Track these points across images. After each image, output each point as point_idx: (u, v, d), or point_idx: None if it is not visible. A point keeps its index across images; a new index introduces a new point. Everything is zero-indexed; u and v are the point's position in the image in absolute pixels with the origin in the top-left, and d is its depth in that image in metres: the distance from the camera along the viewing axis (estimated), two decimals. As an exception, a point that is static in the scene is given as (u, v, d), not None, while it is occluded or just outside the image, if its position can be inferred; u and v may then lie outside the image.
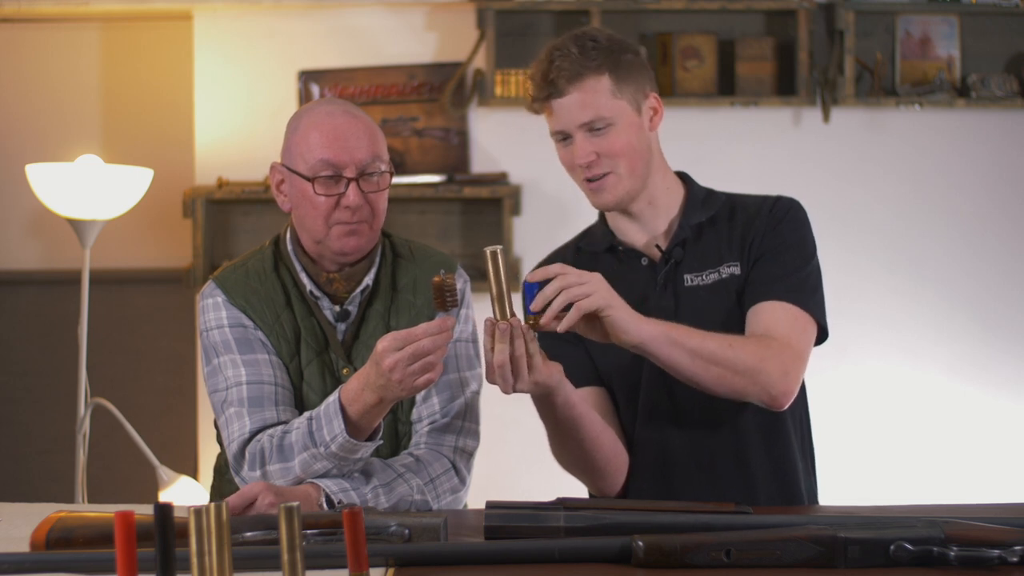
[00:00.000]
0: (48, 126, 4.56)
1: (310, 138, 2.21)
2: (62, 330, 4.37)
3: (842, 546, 1.67)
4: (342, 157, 2.18)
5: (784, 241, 2.21)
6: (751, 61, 4.16)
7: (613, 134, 2.15)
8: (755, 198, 2.29)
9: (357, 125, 2.22)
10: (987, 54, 4.24)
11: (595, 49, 2.15)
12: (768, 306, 2.17)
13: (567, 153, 2.20)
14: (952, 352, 4.24)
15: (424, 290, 2.29)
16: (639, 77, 2.19)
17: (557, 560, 1.70)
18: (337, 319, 2.27)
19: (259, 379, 2.20)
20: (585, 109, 2.15)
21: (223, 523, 1.31)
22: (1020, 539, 1.67)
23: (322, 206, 2.19)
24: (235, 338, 2.24)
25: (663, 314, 2.15)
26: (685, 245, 2.22)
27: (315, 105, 2.29)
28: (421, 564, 1.70)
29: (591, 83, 2.14)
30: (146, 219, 4.40)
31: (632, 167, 2.17)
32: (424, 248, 2.38)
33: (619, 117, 2.15)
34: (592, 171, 2.17)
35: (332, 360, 2.26)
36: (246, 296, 2.27)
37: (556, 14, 4.23)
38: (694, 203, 2.24)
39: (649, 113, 2.20)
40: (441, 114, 4.24)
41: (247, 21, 4.27)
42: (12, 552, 1.75)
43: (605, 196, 2.18)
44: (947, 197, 4.23)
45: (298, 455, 2.09)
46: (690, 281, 2.22)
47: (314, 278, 2.27)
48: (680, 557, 1.67)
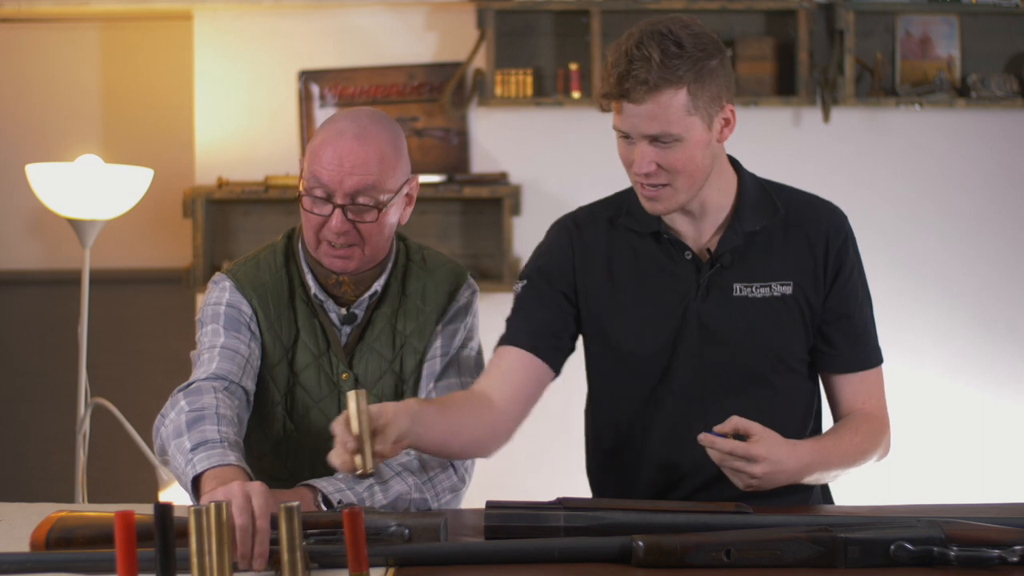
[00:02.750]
0: (48, 126, 4.56)
1: (317, 150, 2.19)
2: (62, 330, 4.37)
3: (842, 546, 1.67)
4: (333, 180, 2.16)
5: (858, 296, 2.21)
6: (751, 61, 4.16)
7: (679, 149, 2.06)
8: (808, 207, 2.22)
9: (364, 152, 2.17)
10: (987, 54, 4.24)
11: (679, 57, 2.03)
12: (860, 378, 2.22)
13: (627, 151, 2.10)
14: (952, 352, 4.24)
15: (433, 298, 2.29)
16: (719, 87, 2.08)
17: (557, 560, 1.70)
18: (343, 322, 2.27)
19: (234, 348, 2.20)
20: (655, 122, 2.04)
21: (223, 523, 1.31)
22: (1020, 539, 1.67)
23: (311, 221, 2.19)
24: (226, 315, 2.24)
25: (704, 319, 2.14)
26: (735, 251, 2.16)
27: (341, 116, 2.24)
28: (421, 564, 1.70)
29: (667, 97, 2.02)
30: (146, 219, 4.40)
31: (691, 183, 2.10)
32: (437, 256, 2.37)
33: (688, 133, 2.05)
34: (650, 180, 2.09)
35: (332, 364, 2.26)
36: (254, 287, 2.27)
37: (556, 14, 4.23)
38: (747, 206, 2.17)
39: (720, 124, 2.10)
40: (441, 114, 4.24)
41: (247, 21, 4.27)
42: (12, 552, 1.75)
43: (658, 206, 2.12)
44: (947, 197, 4.23)
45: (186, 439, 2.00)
46: (739, 291, 2.16)
47: (321, 280, 2.27)
48: (680, 557, 1.67)
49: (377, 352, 2.27)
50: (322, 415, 2.25)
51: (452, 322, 2.30)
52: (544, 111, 4.19)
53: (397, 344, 2.28)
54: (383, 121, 2.25)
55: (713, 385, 2.16)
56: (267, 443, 2.28)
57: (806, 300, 2.17)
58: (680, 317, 2.16)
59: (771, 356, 2.16)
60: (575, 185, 4.12)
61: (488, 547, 1.75)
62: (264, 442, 2.28)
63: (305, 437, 2.26)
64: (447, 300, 2.30)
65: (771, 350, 2.15)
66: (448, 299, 2.31)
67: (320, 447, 2.18)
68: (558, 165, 4.20)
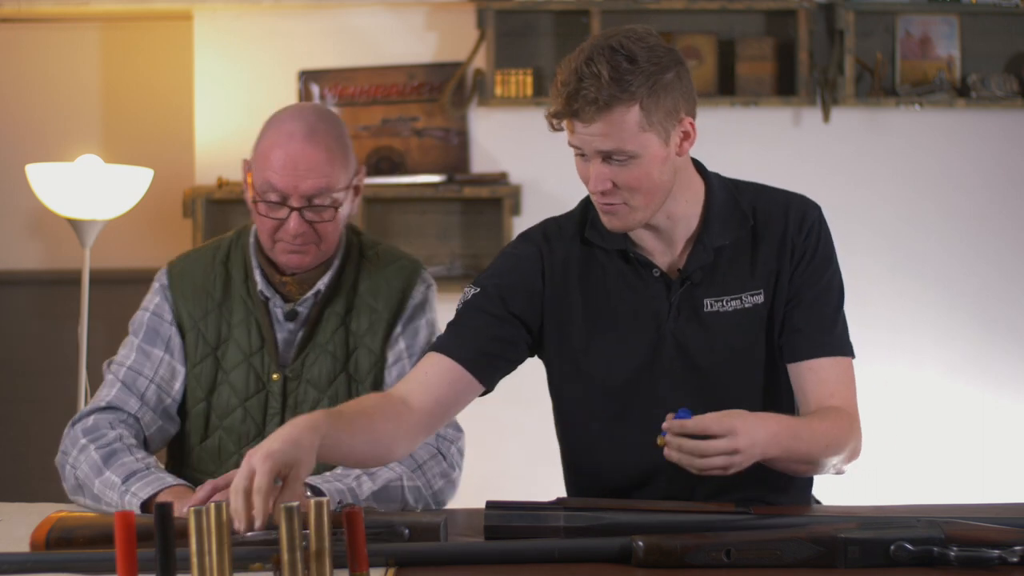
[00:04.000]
0: (48, 126, 4.56)
1: (267, 155, 2.18)
2: (62, 330, 4.37)
3: (842, 546, 1.67)
4: (288, 185, 2.16)
5: (820, 281, 2.11)
6: (751, 61, 4.16)
7: (634, 167, 1.98)
8: (777, 207, 2.13)
9: (314, 153, 2.16)
10: (987, 54, 4.24)
11: (631, 73, 1.94)
12: (821, 365, 2.08)
13: (583, 168, 2.05)
14: (952, 352, 4.24)
15: (386, 294, 2.28)
16: (674, 101, 1.99)
17: (557, 560, 1.70)
18: (286, 318, 2.27)
19: (139, 370, 2.26)
20: (607, 139, 1.97)
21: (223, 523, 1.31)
22: (1020, 539, 1.67)
23: (265, 224, 2.20)
24: (148, 325, 2.30)
25: (680, 338, 2.09)
26: (704, 268, 2.09)
27: (286, 116, 2.22)
28: (421, 564, 1.70)
29: (618, 115, 1.94)
30: (146, 219, 4.40)
31: (648, 200, 2.02)
32: (390, 251, 2.36)
33: (643, 150, 1.97)
34: (605, 198, 2.02)
35: (264, 363, 2.27)
36: (183, 288, 2.30)
37: (556, 14, 4.23)
38: (715, 219, 2.10)
39: (679, 138, 2.02)
40: (441, 114, 4.24)
41: (247, 21, 4.27)
42: (12, 552, 1.75)
43: (615, 222, 2.05)
44: (947, 197, 4.23)
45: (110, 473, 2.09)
46: (710, 306, 2.10)
47: (268, 277, 2.28)
48: (680, 557, 1.67)
49: (330, 353, 2.26)
50: (247, 414, 2.26)
51: (413, 320, 2.29)
52: (544, 111, 4.18)
53: (351, 345, 2.27)
54: (328, 117, 2.24)
55: (692, 403, 2.04)
56: (195, 438, 2.30)
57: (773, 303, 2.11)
58: (655, 337, 2.10)
59: (748, 369, 2.11)
60: (575, 185, 4.10)
61: (488, 547, 1.75)
62: (192, 438, 2.30)
63: (230, 435, 2.27)
64: (401, 298, 2.29)
65: (747, 364, 2.10)
66: (402, 297, 2.29)
67: (244, 444, 2.24)
68: (558, 165, 4.18)
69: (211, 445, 2.28)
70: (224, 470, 2.18)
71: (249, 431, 2.26)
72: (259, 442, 2.19)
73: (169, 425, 2.29)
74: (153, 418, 2.25)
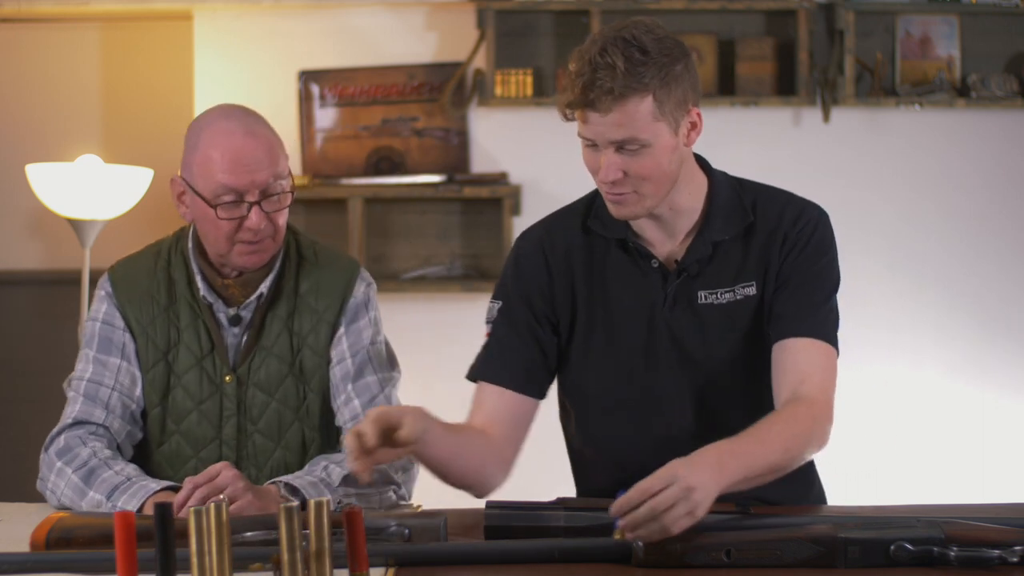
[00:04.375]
0: (48, 126, 4.56)
1: (210, 159, 2.18)
2: (62, 330, 4.37)
3: (842, 546, 1.67)
4: (243, 182, 2.16)
5: (811, 269, 2.12)
6: (751, 61, 4.16)
7: (645, 155, 2.03)
8: (777, 206, 2.16)
9: (258, 145, 2.18)
10: (987, 54, 4.23)
11: (644, 64, 1.99)
12: (799, 345, 2.07)
13: (593, 158, 2.07)
14: (952, 352, 4.24)
15: (327, 295, 2.29)
16: (684, 91, 2.04)
17: (557, 560, 1.70)
18: (231, 323, 2.27)
19: (99, 380, 2.27)
20: (621, 129, 2.00)
21: (223, 523, 1.31)
22: (1020, 539, 1.67)
23: (224, 227, 2.19)
24: (100, 335, 2.31)
25: (674, 329, 2.11)
26: (701, 261, 2.12)
27: (214, 119, 2.23)
28: (421, 564, 1.70)
29: (633, 105, 1.99)
30: (146, 219, 4.40)
31: (657, 188, 2.06)
32: (329, 251, 2.36)
33: (655, 139, 2.02)
34: (615, 188, 2.05)
35: (216, 366, 2.27)
36: (128, 294, 2.30)
37: (556, 14, 4.23)
38: (718, 214, 2.13)
39: (687, 128, 2.07)
40: (441, 114, 4.24)
41: (247, 21, 4.27)
42: (12, 552, 1.75)
43: (624, 210, 2.09)
44: (947, 197, 4.23)
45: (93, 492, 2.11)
46: (704, 298, 2.13)
47: (210, 282, 2.27)
48: (680, 557, 1.67)
49: (276, 355, 2.27)
50: (203, 417, 2.26)
51: (355, 320, 2.29)
52: (544, 111, 4.19)
53: (295, 346, 2.28)
54: (252, 111, 2.27)
55: (689, 393, 2.12)
56: (152, 444, 2.30)
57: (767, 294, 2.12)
58: (647, 327, 2.12)
59: (741, 361, 2.12)
60: (575, 185, 4.09)
61: (488, 547, 1.75)
62: (149, 444, 2.30)
63: (187, 439, 2.27)
64: (341, 298, 2.29)
65: (740, 356, 2.11)
66: (342, 297, 2.30)
67: (201, 448, 2.26)
68: (558, 165, 4.19)
69: (168, 450, 2.28)
70: (182, 475, 2.17)
71: (206, 434, 2.27)
72: (216, 445, 2.23)
73: (137, 431, 2.29)
74: (122, 425, 2.25)
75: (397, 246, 4.20)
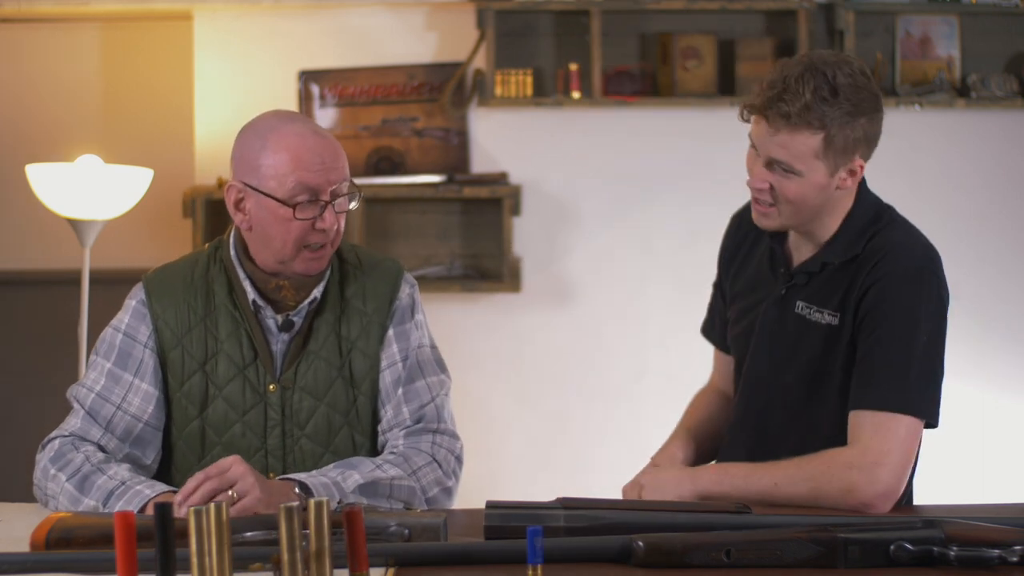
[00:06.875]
0: (48, 126, 4.56)
1: (284, 161, 2.15)
2: (62, 330, 4.37)
3: (842, 546, 1.67)
4: (319, 180, 2.15)
5: (879, 330, 2.16)
6: (751, 61, 4.16)
7: (795, 182, 2.12)
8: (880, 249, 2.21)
9: (327, 145, 2.17)
10: (987, 54, 4.24)
11: (827, 104, 2.06)
12: (856, 417, 2.13)
13: (751, 160, 2.18)
14: (952, 352, 4.22)
15: (373, 298, 2.28)
16: (857, 142, 2.12)
17: (557, 560, 1.70)
18: (281, 329, 2.25)
19: (106, 396, 2.22)
20: (782, 150, 2.10)
21: (223, 523, 1.31)
22: (1020, 539, 1.67)
23: (296, 230, 2.16)
24: (120, 348, 2.24)
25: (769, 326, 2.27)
26: (810, 274, 2.23)
27: (277, 123, 2.21)
28: (421, 564, 1.70)
29: (801, 137, 2.08)
30: (146, 219, 4.40)
31: (796, 213, 2.17)
32: (371, 254, 2.35)
33: (808, 172, 2.11)
34: (760, 196, 2.17)
35: (259, 374, 2.24)
36: (163, 303, 2.25)
37: (556, 14, 4.23)
38: (843, 241, 2.21)
39: (845, 174, 2.14)
40: (441, 114, 4.24)
41: (247, 21, 4.27)
42: (12, 552, 1.75)
43: (762, 220, 2.21)
44: (947, 197, 4.23)
45: (88, 499, 2.10)
46: (800, 308, 2.23)
47: (259, 286, 2.24)
48: (680, 557, 1.67)
49: (324, 359, 2.24)
50: (247, 428, 2.23)
51: (401, 323, 2.28)
52: (544, 111, 4.19)
53: (344, 350, 2.25)
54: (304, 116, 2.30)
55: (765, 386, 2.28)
56: (192, 458, 2.25)
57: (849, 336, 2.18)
58: (754, 319, 2.29)
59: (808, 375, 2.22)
60: (575, 185, 4.12)
61: (488, 547, 1.75)
62: (189, 457, 2.26)
63: (229, 451, 2.20)
64: (388, 301, 2.28)
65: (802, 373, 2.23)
66: (389, 300, 2.28)
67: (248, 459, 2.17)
68: (558, 165, 4.20)
69: (210, 463, 2.25)
70: None
71: (251, 444, 2.22)
72: (262, 455, 2.21)
73: (140, 451, 2.23)
74: (119, 446, 2.21)
75: (397, 246, 4.20)
